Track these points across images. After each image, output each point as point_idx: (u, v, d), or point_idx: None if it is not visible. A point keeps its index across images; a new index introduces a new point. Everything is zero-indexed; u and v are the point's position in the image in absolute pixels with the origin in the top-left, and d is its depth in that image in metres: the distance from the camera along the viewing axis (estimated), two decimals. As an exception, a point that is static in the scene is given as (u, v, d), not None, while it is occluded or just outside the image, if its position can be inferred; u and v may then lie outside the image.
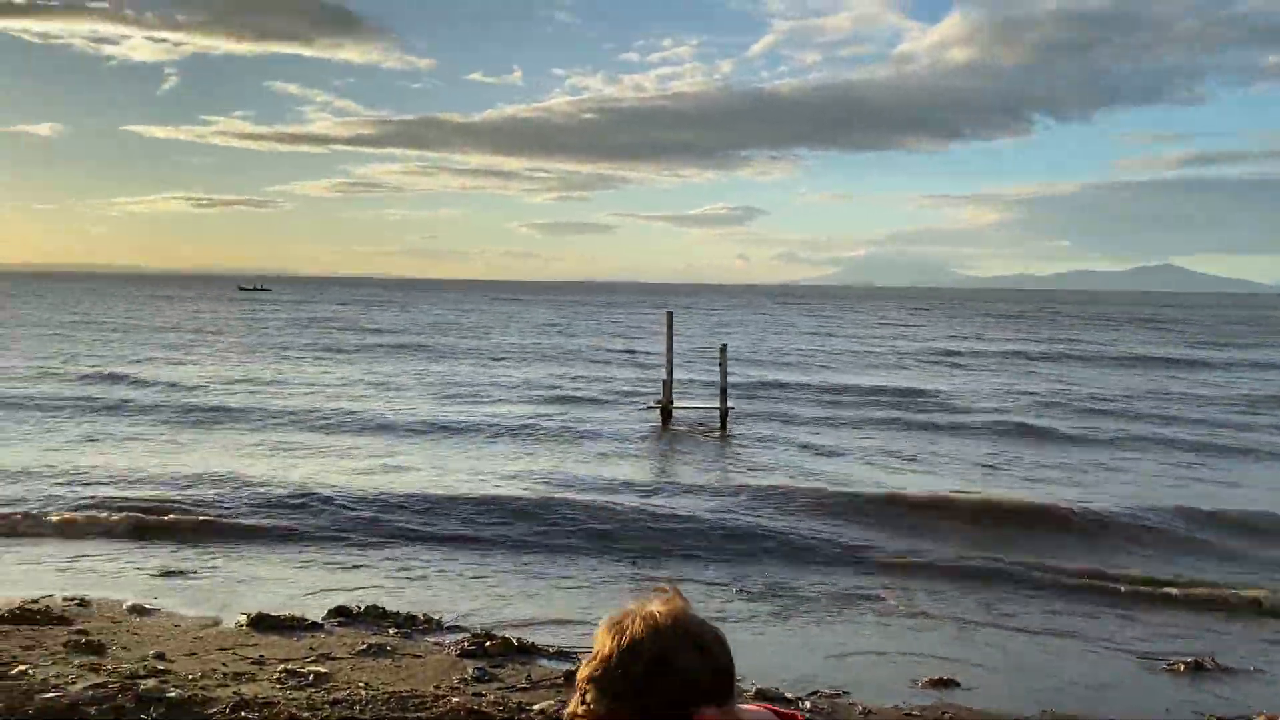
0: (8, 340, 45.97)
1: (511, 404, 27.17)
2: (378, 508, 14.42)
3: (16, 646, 8.27)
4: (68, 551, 12.30)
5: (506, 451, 19.99)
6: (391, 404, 26.47)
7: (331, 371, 35.53)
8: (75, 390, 27.30)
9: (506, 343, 52.55)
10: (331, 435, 21.34)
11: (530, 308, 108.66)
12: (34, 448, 18.76)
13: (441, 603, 10.66)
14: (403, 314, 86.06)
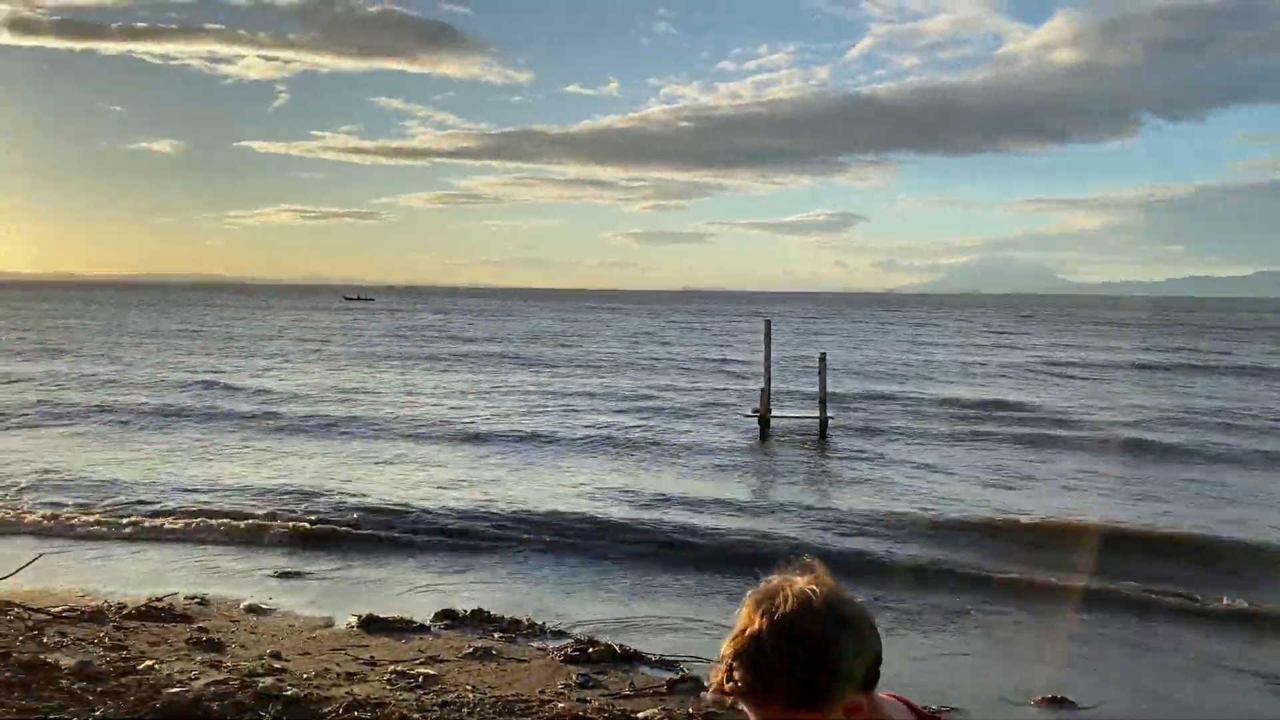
0: (128, 349, 48.13)
1: (605, 414, 26.94)
2: (476, 517, 14.60)
3: (144, 642, 8.63)
4: (186, 555, 12.79)
5: (602, 463, 19.76)
6: (486, 414, 26.52)
7: (428, 380, 35.82)
8: (186, 400, 28.08)
9: (600, 352, 52.21)
10: (429, 444, 21.55)
11: (625, 316, 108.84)
12: (150, 455, 19.52)
13: (543, 608, 10.74)
14: (498, 323, 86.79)
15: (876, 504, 15.91)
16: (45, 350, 46.36)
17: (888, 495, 16.71)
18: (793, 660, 1.56)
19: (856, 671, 1.60)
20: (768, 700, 1.59)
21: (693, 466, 19.53)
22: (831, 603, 1.61)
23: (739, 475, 19.12)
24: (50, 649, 8.07)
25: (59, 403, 26.37)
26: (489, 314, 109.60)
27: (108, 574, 11.66)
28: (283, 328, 72.84)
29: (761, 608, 1.60)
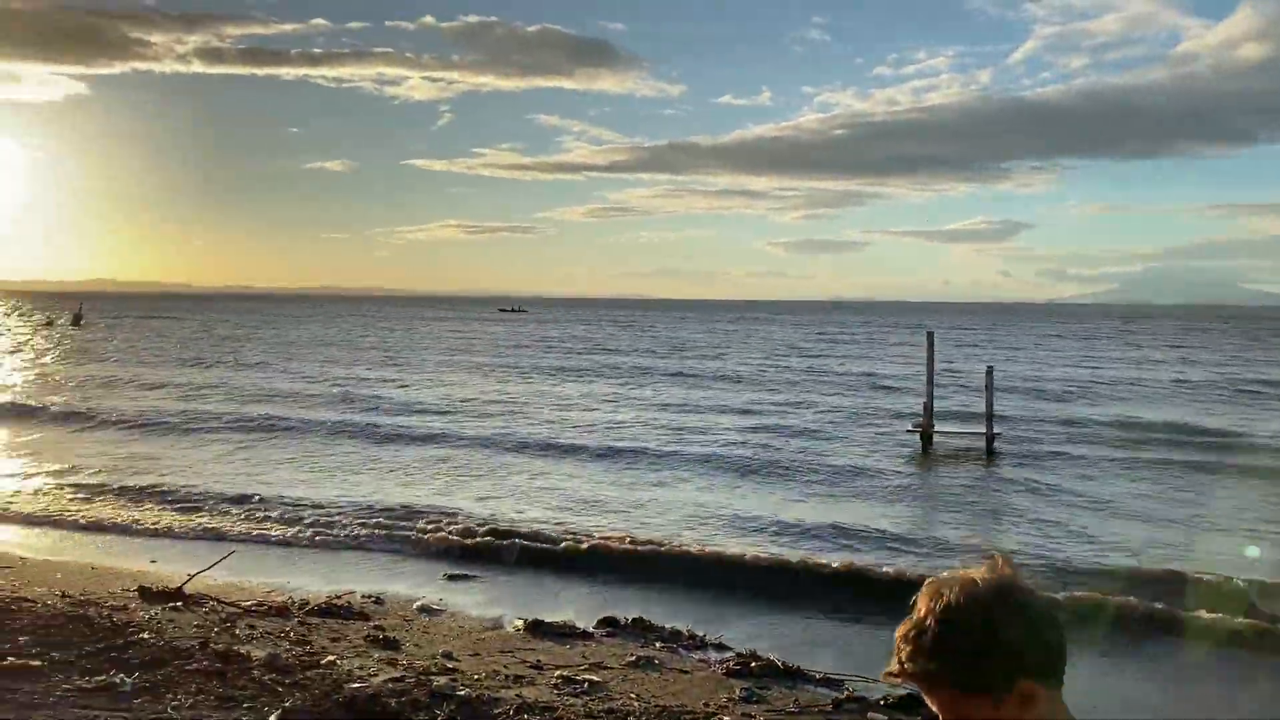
0: (300, 360, 50.74)
1: (751, 432, 25.42)
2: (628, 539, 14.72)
3: (325, 638, 9.03)
4: (361, 558, 13.34)
5: (751, 484, 18.72)
6: (632, 428, 25.91)
7: (572, 392, 35.59)
8: (353, 415, 28.47)
9: (746, 365, 50.21)
10: (576, 459, 21.13)
11: (772, 327, 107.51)
12: (322, 466, 20.42)
13: (702, 619, 10.69)
14: (643, 334, 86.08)
15: (1044, 547, 14.11)
16: (224, 362, 49.30)
17: (1061, 536, 14.74)
18: (952, 643, 1.59)
19: (1028, 659, 1.60)
20: (935, 684, 1.62)
21: (850, 490, 18.29)
22: (1001, 590, 1.63)
23: (901, 502, 17.60)
24: (242, 640, 8.54)
25: (234, 415, 27.84)
26: (635, 325, 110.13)
27: (290, 572, 12.26)
28: (438, 338, 75.37)
29: (931, 594, 1.65)
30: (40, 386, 34.78)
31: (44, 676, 6.99)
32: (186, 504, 15.68)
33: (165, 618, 9.11)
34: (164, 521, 14.62)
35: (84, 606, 9.08)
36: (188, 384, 36.07)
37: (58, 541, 13.46)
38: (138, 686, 7.00)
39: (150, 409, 27.79)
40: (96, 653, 7.61)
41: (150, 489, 16.79)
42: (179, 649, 7.87)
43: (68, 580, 10.64)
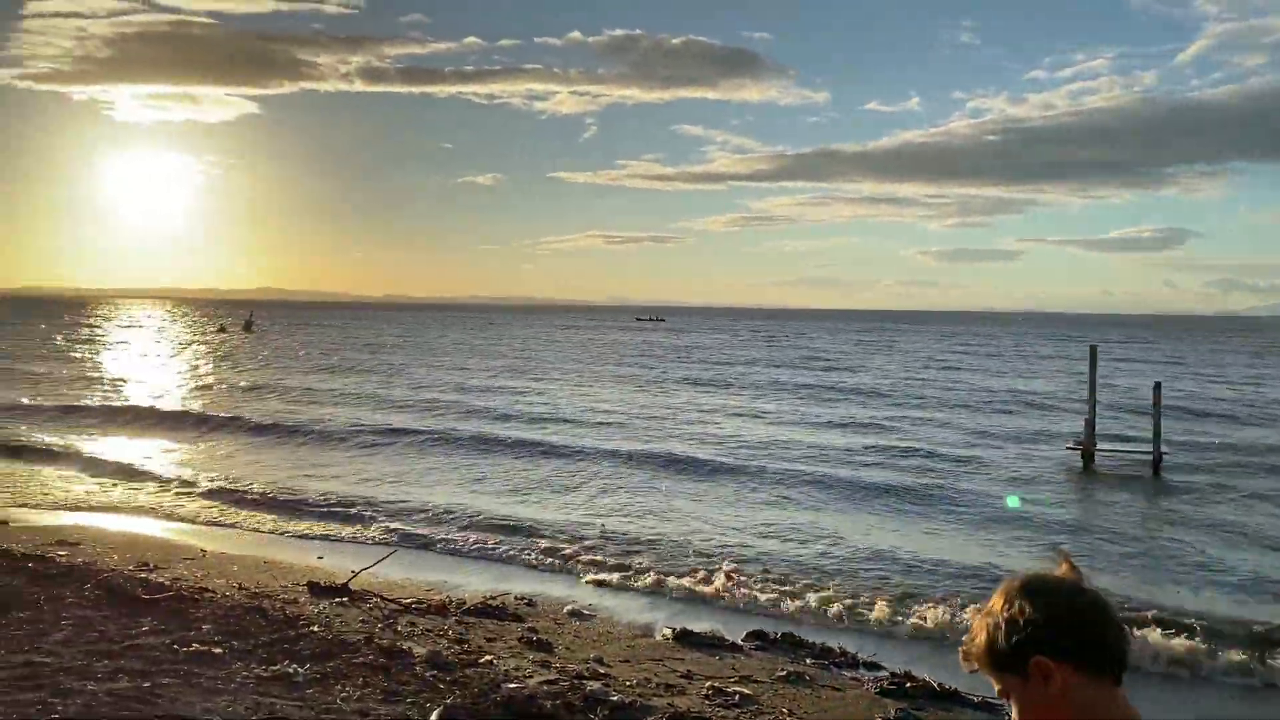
0: (446, 370, 52.31)
1: (889, 454, 23.40)
2: (750, 544, 14.52)
3: (481, 638, 9.26)
4: (508, 564, 13.63)
5: (896, 506, 17.51)
6: (768, 448, 24.06)
7: (708, 405, 34.06)
8: (485, 425, 28.55)
9: (885, 378, 47.17)
10: (707, 478, 19.93)
11: (914, 338, 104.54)
12: (470, 476, 20.98)
13: (852, 640, 10.48)
14: (783, 346, 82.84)
15: (1237, 596, 12.47)
16: (378, 370, 51.23)
17: (1250, 585, 13.01)
18: (987, 624, 1.78)
19: (1046, 638, 1.71)
20: (982, 665, 1.80)
21: (1002, 518, 16.63)
22: (1039, 578, 1.80)
23: (1060, 534, 15.85)
24: (404, 637, 8.83)
25: (387, 423, 28.88)
26: (775, 335, 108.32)
27: (446, 572, 12.62)
28: (582, 346, 76.45)
29: (1005, 590, 1.82)
30: (216, 389, 36.97)
31: (225, 663, 7.39)
32: (348, 505, 16.34)
33: (333, 612, 9.51)
34: (328, 521, 15.27)
35: (259, 599, 9.57)
36: (346, 390, 37.71)
37: (233, 536, 14.22)
38: (309, 677, 7.31)
39: (317, 416, 29.11)
40: (271, 643, 8.00)
41: (314, 490, 17.58)
42: (346, 643, 8.19)
43: (244, 573, 11.24)
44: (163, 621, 8.35)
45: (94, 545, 12.15)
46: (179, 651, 7.48)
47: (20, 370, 43.95)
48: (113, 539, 12.95)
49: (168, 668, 7.07)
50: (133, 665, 7.01)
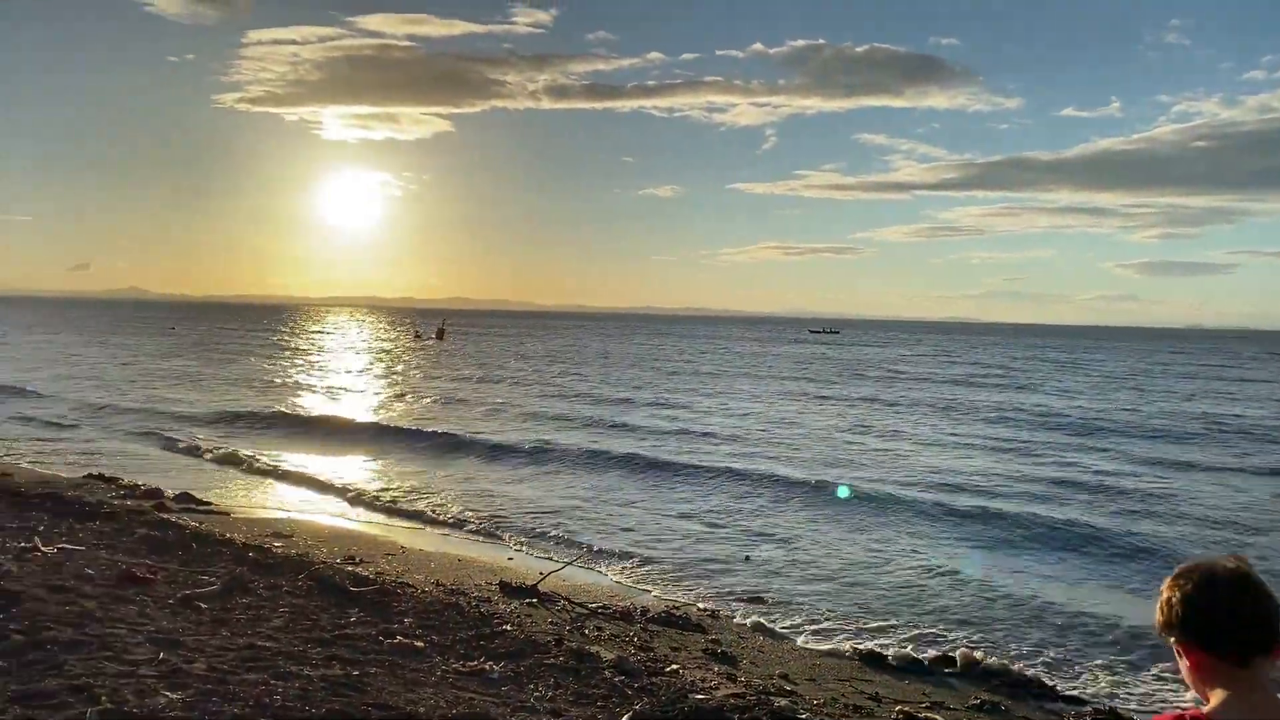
0: (613, 385, 53.00)
1: (1075, 489, 20.26)
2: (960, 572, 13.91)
3: (666, 647, 9.31)
4: (686, 574, 13.63)
5: (1094, 559, 14.68)
6: (955, 478, 21.20)
7: (889, 428, 30.84)
8: (662, 451, 29.67)
9: (1070, 401, 41.67)
10: (913, 518, 17.07)
11: (1112, 356, 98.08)
12: (639, 486, 21.13)
13: (1055, 669, 9.94)
14: (952, 363, 76.47)
15: None
16: (559, 383, 52.41)
17: None
18: (1158, 603, 2.14)
19: (1180, 619, 2.05)
20: (1162, 639, 2.16)
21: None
22: (1187, 567, 2.11)
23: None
24: (592, 641, 8.99)
25: (570, 442, 29.48)
26: (954, 351, 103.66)
27: (628, 579, 12.76)
28: (756, 356, 75.92)
29: (1180, 575, 2.14)
30: (410, 395, 38.84)
31: (426, 656, 7.72)
32: (536, 510, 16.80)
33: (523, 612, 9.79)
34: (518, 522, 15.73)
35: (455, 595, 9.96)
36: (530, 396, 38.88)
37: (427, 533, 14.85)
38: (504, 674, 7.54)
39: (501, 423, 30.08)
40: (468, 639, 8.31)
41: (503, 493, 18.17)
42: (537, 643, 8.41)
43: (440, 570, 11.73)
44: (368, 613, 8.81)
45: (305, 538, 12.95)
46: (384, 643, 7.87)
47: (230, 373, 47.50)
48: (321, 532, 13.76)
49: (374, 658, 7.44)
50: (343, 653, 7.42)
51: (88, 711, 5.41)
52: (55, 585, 8.09)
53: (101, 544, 10.46)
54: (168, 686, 6.01)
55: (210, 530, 11.92)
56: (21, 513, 11.72)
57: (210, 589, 8.84)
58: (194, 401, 32.97)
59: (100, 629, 7.07)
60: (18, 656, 6.23)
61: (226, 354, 64.11)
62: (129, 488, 15.67)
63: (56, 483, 15.16)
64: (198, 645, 7.07)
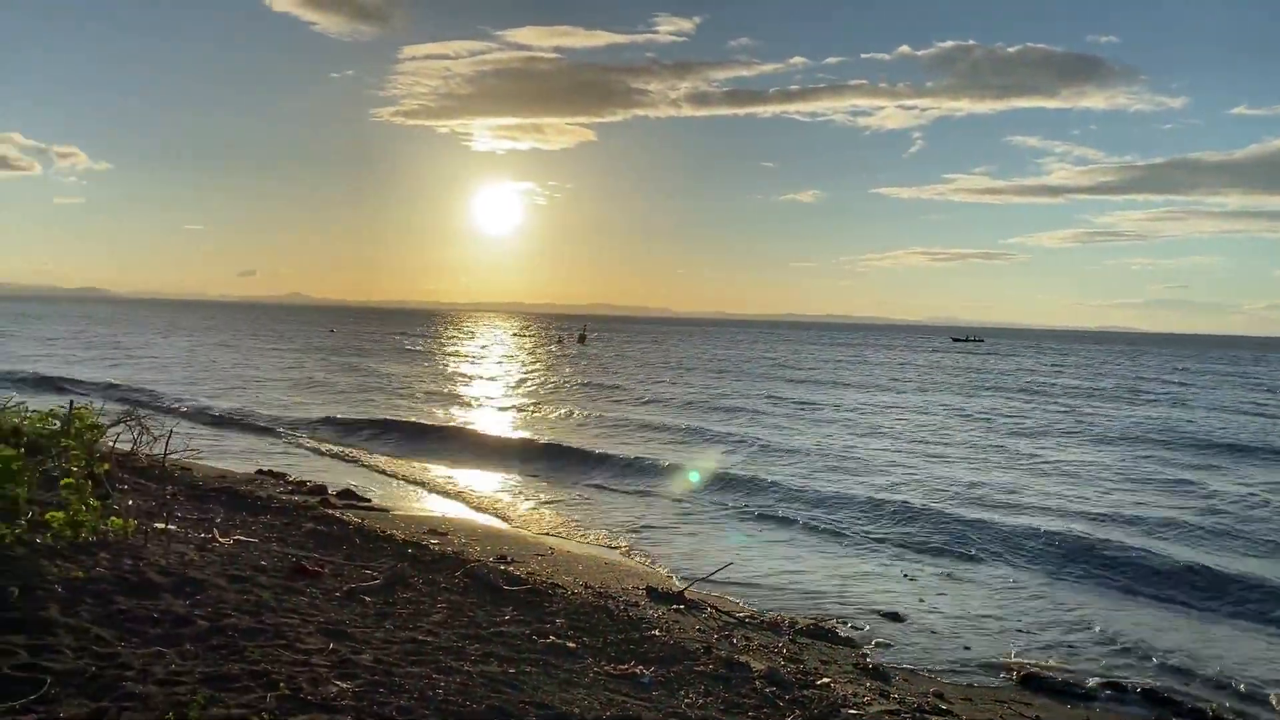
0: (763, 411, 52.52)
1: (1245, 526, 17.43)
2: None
3: (816, 659, 9.20)
4: (835, 586, 13.40)
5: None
6: (1081, 511, 18.18)
7: (1054, 457, 26.66)
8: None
9: (1230, 424, 36.27)
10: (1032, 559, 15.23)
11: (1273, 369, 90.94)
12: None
13: (1236, 700, 9.34)
14: (1100, 375, 70.96)
15: None
16: (700, 398, 52.35)
17: None
18: None
19: None
20: None
21: None
22: None
23: None
24: (740, 650, 8.95)
25: (721, 432, 29.36)
26: (1106, 362, 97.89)
27: (775, 589, 12.63)
28: (897, 367, 73.95)
29: None
30: (554, 400, 39.58)
31: (578, 657, 7.83)
32: (682, 519, 16.82)
33: (671, 618, 9.83)
34: (660, 531, 15.80)
35: (604, 598, 10.08)
36: (671, 406, 39.05)
37: (574, 536, 15.06)
38: (655, 679, 7.58)
39: (643, 429, 30.31)
40: (618, 642, 8.39)
41: (645, 505, 18.29)
42: (687, 650, 8.43)
43: (587, 572, 11.91)
44: (521, 612, 9.01)
45: (459, 536, 13.35)
46: (537, 642, 8.03)
47: (378, 376, 49.38)
48: (473, 532, 14.16)
49: (529, 656, 7.59)
50: (500, 650, 7.60)
51: (267, 696, 5.70)
52: (233, 575, 8.57)
53: (273, 537, 11.03)
54: (338, 676, 6.28)
55: (371, 526, 12.42)
56: (200, 505, 12.47)
57: (373, 583, 9.20)
58: (342, 400, 34.48)
59: (275, 618, 7.45)
60: (203, 641, 6.62)
61: (378, 357, 66.77)
62: (296, 484, 16.50)
63: (230, 478, 16.08)
64: (364, 637, 7.37)
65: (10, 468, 9.34)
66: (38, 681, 5.47)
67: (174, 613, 7.10)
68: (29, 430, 12.49)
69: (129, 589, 7.47)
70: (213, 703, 5.46)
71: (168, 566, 8.23)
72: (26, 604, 6.73)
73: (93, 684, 5.59)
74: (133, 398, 31.52)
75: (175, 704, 5.35)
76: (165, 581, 7.80)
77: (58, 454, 11.14)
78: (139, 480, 12.67)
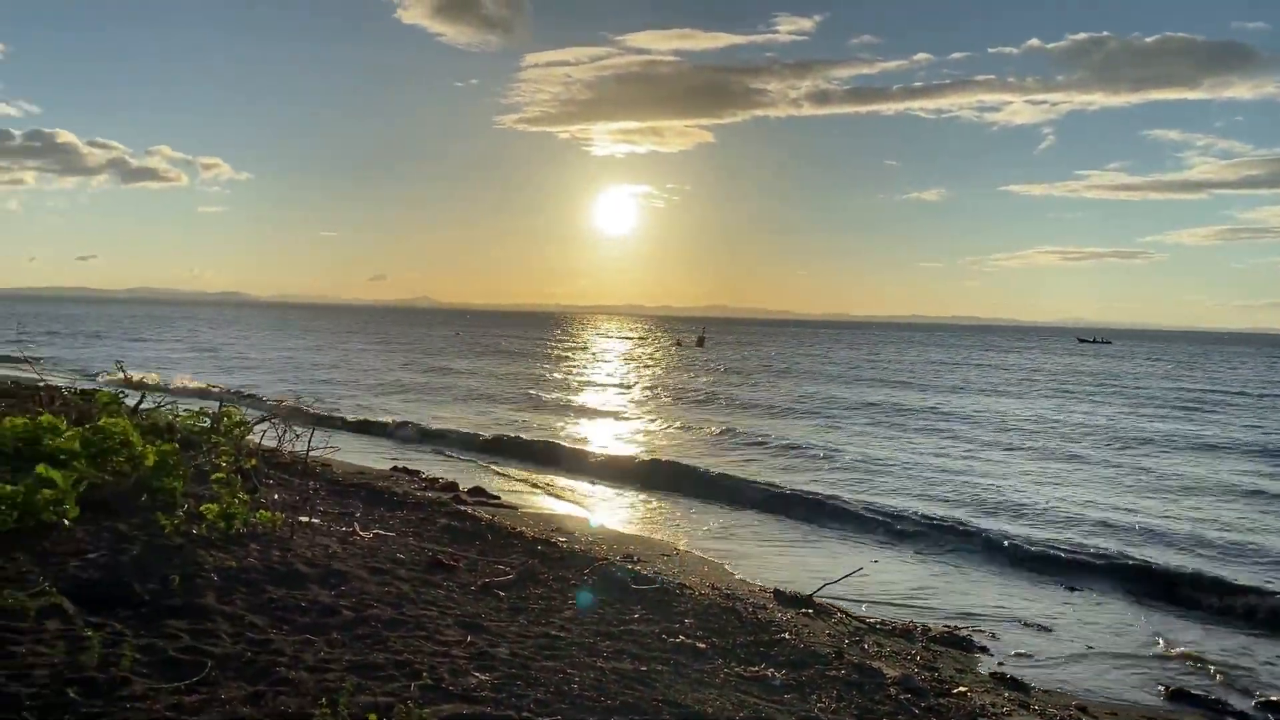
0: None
1: None
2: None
3: (951, 668, 8.97)
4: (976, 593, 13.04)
5: None
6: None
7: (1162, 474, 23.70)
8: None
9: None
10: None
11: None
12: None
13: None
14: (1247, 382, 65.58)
15: None
16: (831, 409, 51.62)
17: None
18: None
19: None
20: None
21: None
22: None
23: None
24: (872, 656, 8.79)
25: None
26: (1257, 368, 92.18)
27: (910, 592, 12.36)
28: (1025, 373, 71.41)
29: None
30: (679, 399, 39.69)
31: (709, 658, 7.81)
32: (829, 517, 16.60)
33: (800, 622, 9.72)
34: (798, 530, 15.66)
35: (731, 600, 10.04)
36: (790, 421, 38.67)
37: (697, 537, 15.07)
38: (785, 682, 7.50)
39: (777, 430, 30.12)
40: (748, 644, 8.34)
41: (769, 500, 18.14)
42: (817, 654, 8.32)
43: (713, 574, 11.89)
44: (650, 611, 9.04)
45: (585, 535, 13.52)
46: (667, 641, 8.04)
47: (506, 376, 50.37)
48: (599, 531, 14.32)
49: (659, 655, 7.61)
50: (630, 649, 7.64)
51: (411, 685, 5.87)
52: (374, 568, 8.86)
53: (409, 531, 11.37)
54: (477, 668, 6.42)
55: (502, 523, 12.67)
56: (340, 500, 12.93)
57: (506, 578, 9.38)
58: (467, 405, 35.31)
59: (415, 610, 7.67)
60: (349, 630, 6.87)
61: (501, 360, 68.19)
62: (429, 480, 16.98)
63: (368, 474, 16.65)
64: (499, 630, 7.52)
65: (168, 462, 9.90)
66: (200, 664, 5.77)
67: (321, 602, 7.38)
68: (182, 427, 13.22)
69: (278, 579, 7.80)
70: (360, 690, 5.66)
71: (313, 558, 8.57)
72: (186, 591, 7.10)
73: (249, 668, 5.86)
74: (263, 399, 33.00)
75: (325, 690, 5.57)
76: (311, 572, 8.12)
77: (208, 450, 11.75)
78: (283, 475, 13.23)
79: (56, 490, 8.35)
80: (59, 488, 8.38)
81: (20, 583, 6.79)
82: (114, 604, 6.64)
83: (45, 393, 17.82)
